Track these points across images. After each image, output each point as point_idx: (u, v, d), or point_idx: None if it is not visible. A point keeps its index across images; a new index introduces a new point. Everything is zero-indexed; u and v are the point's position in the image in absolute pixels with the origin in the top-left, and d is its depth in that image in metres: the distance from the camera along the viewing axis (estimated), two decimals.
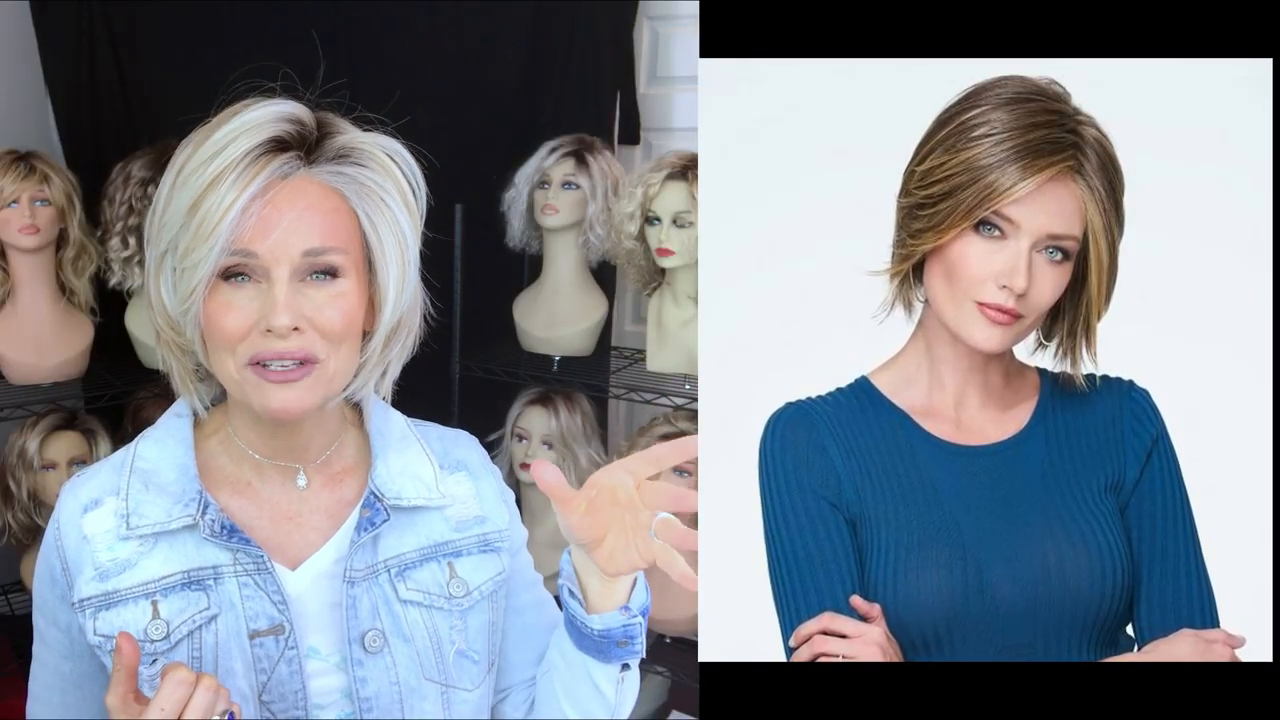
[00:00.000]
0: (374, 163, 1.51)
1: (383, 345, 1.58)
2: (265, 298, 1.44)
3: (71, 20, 3.52)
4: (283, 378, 1.45)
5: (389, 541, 1.62)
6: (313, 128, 1.50)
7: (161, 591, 1.53)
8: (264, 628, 1.54)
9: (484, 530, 1.70)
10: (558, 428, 3.37)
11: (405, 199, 1.54)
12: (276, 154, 1.45)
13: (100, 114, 3.64)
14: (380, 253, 1.52)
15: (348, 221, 1.49)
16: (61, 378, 3.30)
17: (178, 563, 1.54)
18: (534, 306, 3.44)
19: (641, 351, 3.39)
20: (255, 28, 3.40)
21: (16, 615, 3.33)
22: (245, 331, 1.44)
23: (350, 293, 1.48)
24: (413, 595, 1.61)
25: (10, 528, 3.23)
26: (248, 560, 1.55)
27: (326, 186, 1.48)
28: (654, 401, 3.16)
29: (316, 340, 1.46)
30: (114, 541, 1.54)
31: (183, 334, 1.52)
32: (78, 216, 3.20)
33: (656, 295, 3.21)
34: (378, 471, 1.64)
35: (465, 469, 1.74)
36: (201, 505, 1.55)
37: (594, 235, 3.25)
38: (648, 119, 3.80)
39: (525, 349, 3.46)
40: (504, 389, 3.45)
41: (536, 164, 3.30)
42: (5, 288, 3.21)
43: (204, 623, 1.52)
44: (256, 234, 1.42)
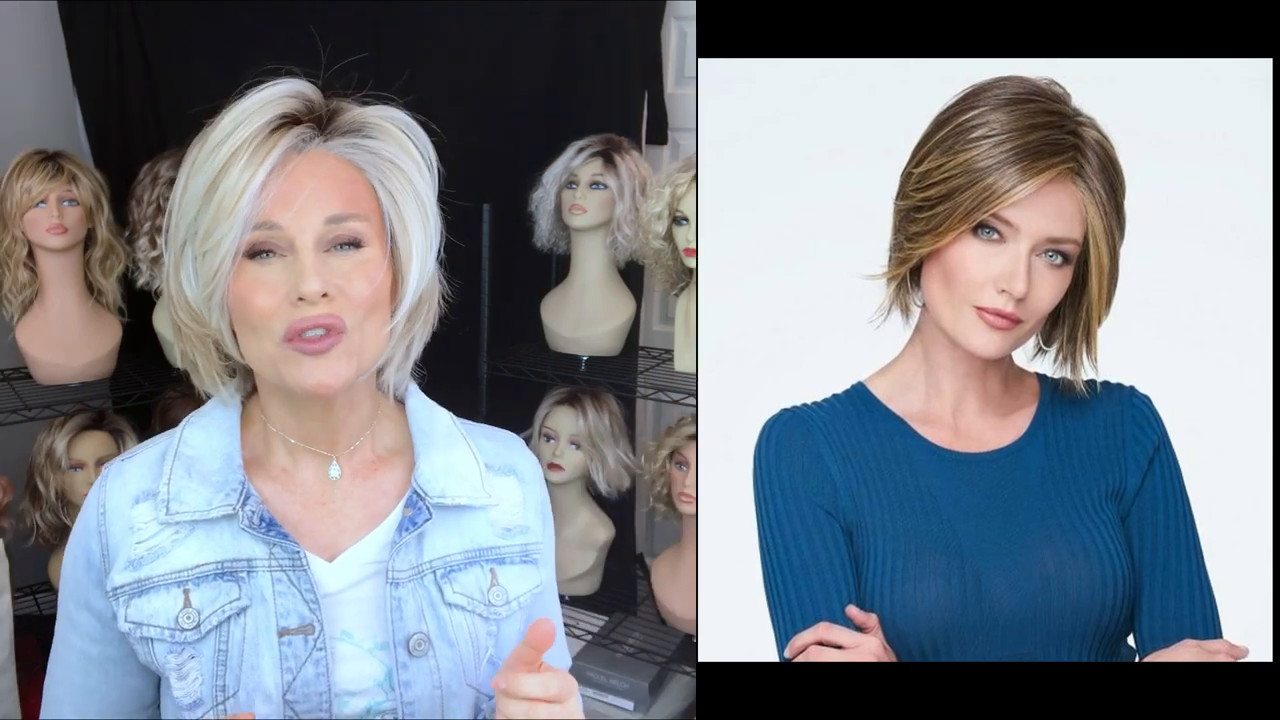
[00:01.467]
0: (387, 135, 1.52)
1: (406, 319, 1.57)
2: (292, 269, 1.43)
3: (99, 20, 3.52)
4: (315, 349, 1.44)
5: (434, 541, 1.60)
6: (321, 104, 1.51)
7: (194, 580, 1.52)
8: (294, 626, 1.52)
9: (526, 540, 1.69)
10: (585, 428, 3.37)
11: (420, 169, 1.54)
12: (289, 128, 1.46)
13: (128, 114, 3.63)
14: (400, 223, 1.52)
15: (367, 192, 1.49)
16: (89, 378, 3.28)
17: (212, 552, 1.53)
18: (562, 306, 3.42)
19: (669, 351, 3.37)
20: (284, 29, 3.39)
21: (44, 615, 3.32)
22: (277, 306, 1.44)
23: (374, 260, 1.48)
24: (458, 599, 1.60)
25: (38, 527, 3.23)
26: (283, 555, 1.54)
27: (342, 159, 1.49)
28: (681, 401, 3.13)
29: (345, 306, 1.45)
30: (155, 529, 1.54)
31: (206, 324, 1.52)
32: (105, 216, 3.20)
33: (684, 295, 3.19)
34: (421, 469, 1.62)
35: (515, 474, 1.73)
36: (243, 496, 1.54)
37: (621, 235, 3.23)
38: (675, 119, 3.78)
39: (553, 349, 3.44)
40: (532, 389, 3.44)
41: (564, 164, 3.29)
42: (34, 288, 3.20)
43: (234, 614, 1.51)
44: (278, 206, 1.43)
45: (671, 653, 3.47)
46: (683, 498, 3.16)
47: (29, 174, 3.05)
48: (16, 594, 2.91)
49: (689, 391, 3.11)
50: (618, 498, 3.50)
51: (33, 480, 3.21)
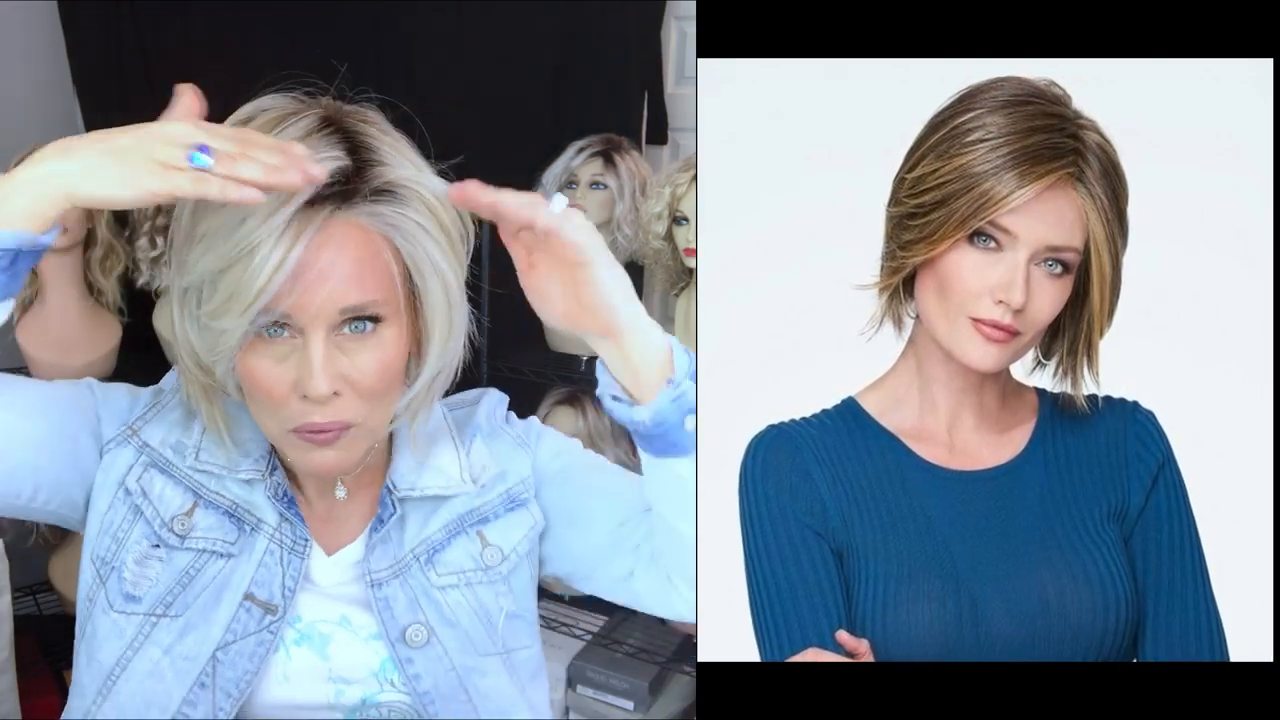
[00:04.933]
0: (415, 200, 1.39)
1: (428, 385, 1.50)
2: (301, 357, 1.35)
3: (99, 20, 3.48)
4: (323, 439, 1.40)
5: (413, 529, 1.58)
6: (351, 169, 1.36)
7: (205, 501, 1.52)
8: (260, 598, 1.51)
9: (507, 486, 1.64)
10: (585, 428, 3.35)
11: (448, 238, 1.42)
12: (315, 208, 1.32)
13: (128, 114, 3.42)
14: (426, 294, 1.42)
15: (387, 266, 1.38)
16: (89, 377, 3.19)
17: (233, 493, 1.53)
18: None
19: None
20: (284, 29, 3.35)
21: (44, 615, 3.31)
22: (284, 395, 1.38)
23: (392, 342, 1.41)
24: (447, 580, 1.58)
25: (38, 527, 3.18)
26: (289, 533, 1.53)
27: (364, 229, 1.36)
28: None
29: (353, 403, 1.39)
30: (178, 455, 1.53)
31: (212, 375, 1.44)
32: (105, 216, 3.13)
33: (684, 295, 3.17)
34: (396, 465, 1.59)
35: (478, 434, 1.67)
36: (270, 465, 1.54)
37: (621, 235, 3.23)
38: (675, 119, 3.78)
39: (553, 349, 3.41)
40: (532, 389, 3.41)
41: (564, 164, 3.29)
42: (33, 288, 3.14)
43: (220, 553, 1.51)
44: (291, 296, 1.32)
45: (671, 653, 3.45)
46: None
47: None
48: (16, 594, 2.93)
49: None
50: None
51: None
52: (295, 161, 1.25)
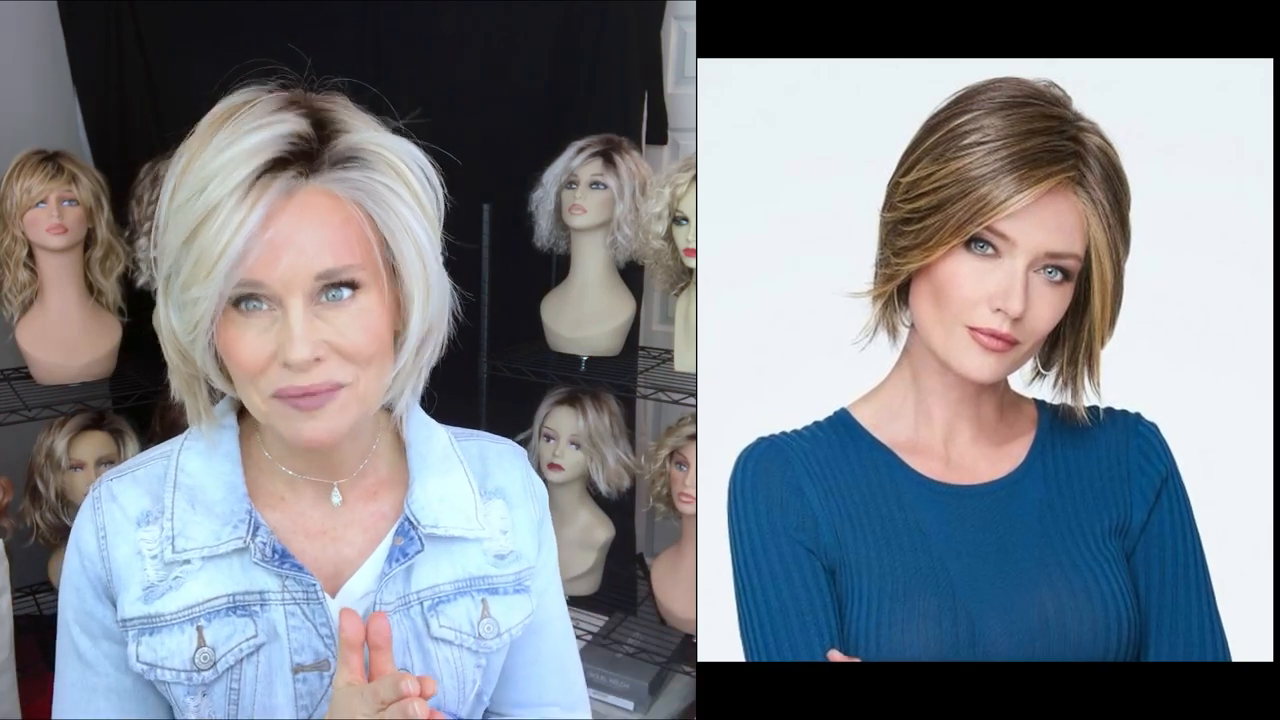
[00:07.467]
0: (382, 164, 1.33)
1: (414, 353, 1.42)
2: (280, 325, 1.28)
3: (99, 20, 3.46)
4: (311, 405, 1.31)
5: (423, 572, 1.51)
6: (313, 136, 1.30)
7: (206, 616, 1.42)
8: (308, 662, 1.44)
9: (519, 569, 1.59)
10: (585, 428, 3.30)
11: (419, 200, 1.36)
12: (276, 173, 1.26)
13: (128, 114, 3.58)
14: (401, 258, 1.35)
15: (361, 231, 1.31)
16: (89, 378, 3.22)
17: (224, 584, 1.43)
18: (562, 306, 3.36)
19: (669, 351, 3.31)
20: (284, 28, 3.30)
21: (44, 615, 3.28)
22: (264, 363, 1.30)
23: (373, 308, 1.33)
24: (445, 633, 1.51)
25: (38, 527, 3.16)
26: (297, 588, 1.44)
27: (334, 195, 1.29)
28: (681, 401, 3.06)
29: (340, 366, 1.31)
30: (160, 564, 1.43)
31: (193, 364, 1.37)
32: (105, 216, 3.12)
33: (684, 295, 3.12)
34: (415, 496, 1.51)
35: (502, 496, 1.61)
36: (251, 526, 1.43)
37: (621, 235, 3.17)
38: (675, 119, 3.72)
39: (553, 349, 3.38)
40: (532, 389, 3.38)
41: (564, 164, 3.22)
42: (34, 288, 3.13)
43: (251, 651, 1.42)
44: (263, 263, 1.26)
45: (671, 653, 3.43)
46: (683, 498, 3.09)
47: (29, 174, 2.98)
48: (16, 594, 2.84)
49: (689, 391, 3.04)
50: (618, 498, 3.44)
51: (33, 480, 3.14)
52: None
